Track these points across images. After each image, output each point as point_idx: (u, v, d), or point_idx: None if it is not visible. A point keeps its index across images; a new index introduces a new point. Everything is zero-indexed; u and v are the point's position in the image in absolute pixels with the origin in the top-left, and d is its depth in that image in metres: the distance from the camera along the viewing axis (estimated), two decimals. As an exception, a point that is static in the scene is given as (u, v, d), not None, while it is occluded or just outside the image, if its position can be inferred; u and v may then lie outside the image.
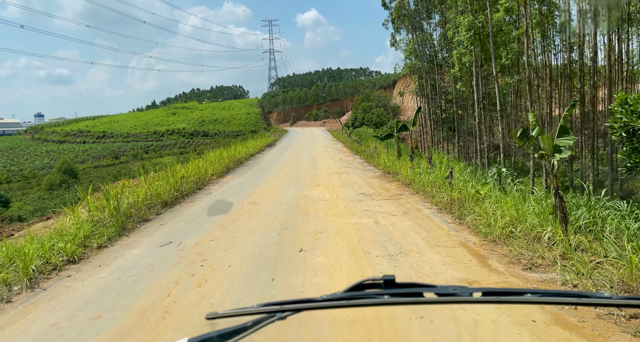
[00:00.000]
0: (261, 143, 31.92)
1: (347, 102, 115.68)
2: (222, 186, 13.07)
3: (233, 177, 15.01)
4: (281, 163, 19.91)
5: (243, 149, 23.45)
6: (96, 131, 65.42)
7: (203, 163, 15.23)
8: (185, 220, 8.37)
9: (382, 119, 52.41)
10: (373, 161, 18.06)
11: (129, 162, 50.21)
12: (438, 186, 10.59)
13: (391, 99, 64.94)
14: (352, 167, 17.25)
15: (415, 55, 28.74)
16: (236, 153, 20.38)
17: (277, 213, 8.68)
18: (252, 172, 16.34)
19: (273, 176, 14.97)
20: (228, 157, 18.64)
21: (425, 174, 11.76)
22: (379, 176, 14.18)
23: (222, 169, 16.19)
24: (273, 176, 15.17)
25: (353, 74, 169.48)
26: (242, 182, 13.82)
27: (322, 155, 23.75)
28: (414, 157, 14.66)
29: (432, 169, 12.19)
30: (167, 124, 68.36)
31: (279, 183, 13.17)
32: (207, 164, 15.30)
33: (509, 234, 6.12)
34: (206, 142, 59.55)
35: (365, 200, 9.89)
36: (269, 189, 12.07)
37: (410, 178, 11.90)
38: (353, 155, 22.89)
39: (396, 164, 14.66)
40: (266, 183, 13.30)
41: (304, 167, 17.47)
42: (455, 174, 10.57)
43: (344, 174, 14.90)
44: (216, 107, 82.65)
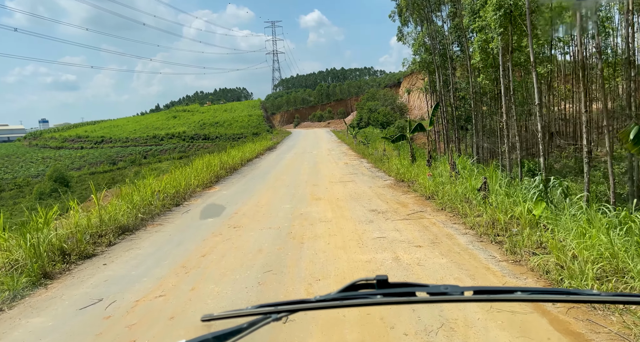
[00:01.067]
0: (261, 146, 29.89)
1: (351, 102, 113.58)
2: (206, 200, 11.01)
3: (221, 189, 12.95)
4: (279, 169, 17.83)
5: (238, 154, 21.40)
6: (95, 136, 63.82)
7: (185, 173, 13.18)
8: (140, 255, 6.29)
9: (389, 118, 50.20)
10: (383, 166, 15.93)
11: (127, 168, 48.51)
12: (468, 199, 8.43)
13: (397, 97, 62.68)
14: (358, 173, 15.12)
15: (425, 48, 26.54)
16: (229, 159, 18.33)
17: (262, 243, 6.58)
18: (244, 182, 14.27)
19: (267, 187, 12.89)
20: (220, 164, 16.61)
21: (449, 184, 9.61)
22: (391, 185, 12.03)
23: (211, 178, 14.16)
24: (268, 186, 13.09)
25: (357, 74, 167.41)
26: (230, 194, 11.75)
27: (326, 159, 21.63)
28: (431, 161, 12.49)
29: (456, 177, 10.03)
30: (168, 127, 66.61)
31: (273, 196, 11.07)
32: (191, 173, 13.25)
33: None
34: (207, 146, 57.72)
35: (378, 220, 7.78)
36: (260, 204, 9.98)
37: (431, 189, 9.75)
38: (359, 159, 20.76)
39: (411, 171, 12.51)
40: (258, 196, 11.21)
41: (304, 175, 15.38)
42: (492, 184, 8.41)
43: (350, 183, 12.78)
44: (218, 109, 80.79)
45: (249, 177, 15.56)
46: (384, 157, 18.58)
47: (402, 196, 10.24)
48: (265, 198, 10.82)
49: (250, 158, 23.28)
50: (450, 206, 8.32)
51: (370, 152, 22.19)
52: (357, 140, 30.50)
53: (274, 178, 14.83)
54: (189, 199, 11.08)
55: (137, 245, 6.83)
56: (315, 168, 17.42)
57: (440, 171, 11.61)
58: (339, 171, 16.19)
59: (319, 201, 10.01)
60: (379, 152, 20.54)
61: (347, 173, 15.29)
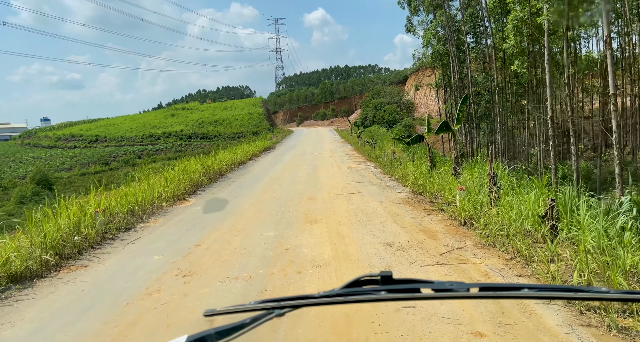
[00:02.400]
0: (257, 147, 27.39)
1: (355, 100, 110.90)
2: (168, 221, 8.48)
3: (196, 202, 10.43)
4: (273, 176, 15.30)
5: (228, 156, 18.87)
6: (89, 135, 61.42)
7: (154, 183, 10.68)
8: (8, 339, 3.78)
9: (395, 116, 47.53)
10: (394, 173, 13.36)
11: (120, 169, 46.23)
12: (528, 232, 5.87)
13: (404, 94, 59.94)
14: (365, 182, 12.57)
15: (437, 38, 23.88)
16: (214, 163, 15.80)
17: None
18: (227, 193, 11.74)
19: (253, 201, 10.35)
20: (202, 170, 14.10)
21: (491, 204, 7.01)
22: (407, 201, 9.46)
23: (187, 187, 11.66)
24: (253, 199, 10.56)
25: (361, 72, 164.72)
26: (202, 213, 9.22)
27: (327, 162, 19.07)
28: (458, 170, 9.88)
29: (498, 193, 7.43)
30: (165, 126, 64.20)
31: (255, 217, 8.52)
32: (159, 183, 10.74)
33: None
34: (204, 146, 55.39)
35: (399, 265, 5.24)
36: (235, 230, 7.44)
37: (468, 211, 7.17)
38: (365, 162, 18.18)
39: (433, 181, 9.90)
40: (237, 215, 8.68)
41: (301, 183, 12.83)
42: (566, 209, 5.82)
43: (355, 196, 10.23)
44: (217, 107, 78.25)
45: (235, 185, 13.03)
46: (394, 161, 16.00)
47: (426, 219, 7.66)
48: (244, 219, 8.27)
49: (243, 161, 20.78)
50: (502, 241, 5.75)
51: (377, 154, 19.61)
52: (362, 140, 27.94)
53: (264, 188, 12.29)
54: (147, 220, 8.56)
55: (11, 318, 4.28)
56: (315, 174, 14.86)
57: (471, 182, 9.02)
58: (342, 177, 13.63)
59: (314, 225, 7.47)
60: (387, 154, 17.96)
61: (351, 181, 12.73)
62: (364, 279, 1.00)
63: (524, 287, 0.93)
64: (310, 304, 0.98)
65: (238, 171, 17.18)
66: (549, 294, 0.99)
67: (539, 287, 0.95)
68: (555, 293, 0.99)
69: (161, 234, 7.42)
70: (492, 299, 1.07)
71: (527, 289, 0.93)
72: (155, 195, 9.70)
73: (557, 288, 0.99)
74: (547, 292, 0.97)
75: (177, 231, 7.59)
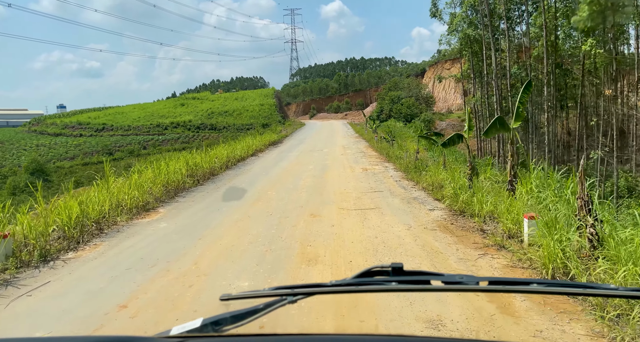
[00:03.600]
0: (262, 141, 24.97)
1: (371, 93, 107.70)
2: (111, 248, 6.05)
3: (164, 216, 8.03)
4: (273, 177, 12.84)
5: (224, 152, 16.45)
6: (96, 123, 59.75)
7: (116, 188, 8.30)
8: None
9: (413, 110, 44.51)
10: (420, 179, 10.76)
11: (123, 159, 44.49)
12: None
13: (423, 87, 56.69)
14: (385, 190, 10.01)
15: (468, 22, 20.97)
16: (205, 161, 13.39)
17: None
18: (208, 202, 9.31)
19: (238, 216, 7.90)
20: (187, 169, 11.74)
21: (596, 252, 4.41)
22: (445, 224, 6.88)
23: (160, 193, 9.30)
24: (239, 213, 8.11)
25: (377, 64, 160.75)
26: (165, 234, 6.79)
27: (339, 161, 16.52)
28: (515, 184, 7.20)
29: (594, 230, 4.80)
30: (173, 116, 62.21)
31: (231, 247, 6.03)
32: (121, 190, 8.35)
33: None
34: (212, 137, 53.34)
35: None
36: (194, 274, 4.96)
37: (553, 256, 4.56)
38: (383, 163, 15.58)
39: (482, 199, 7.25)
40: (208, 242, 6.23)
41: (304, 190, 10.34)
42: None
43: (373, 213, 7.70)
44: (228, 98, 75.99)
45: (222, 191, 10.59)
46: (418, 163, 13.38)
47: (483, 263, 5.09)
48: (216, 250, 5.80)
49: (243, 157, 18.39)
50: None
51: (396, 153, 16.99)
52: (378, 136, 25.28)
53: (257, 196, 9.83)
54: (85, 244, 6.18)
55: None
56: (323, 177, 12.35)
57: (539, 205, 6.40)
58: (356, 183, 11.09)
59: (312, 270, 4.98)
60: (409, 155, 15.33)
61: (367, 189, 10.18)
62: (375, 270, 1.00)
63: (533, 282, 0.93)
64: (322, 292, 0.99)
65: (234, 170, 14.77)
66: (558, 290, 0.98)
67: (548, 283, 0.95)
68: (564, 289, 0.99)
69: (84, 276, 5.01)
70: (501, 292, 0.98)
71: (537, 284, 0.93)
72: (106, 207, 7.31)
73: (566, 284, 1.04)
74: (556, 288, 0.97)
75: (111, 269, 5.17)
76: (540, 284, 0.93)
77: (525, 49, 23.66)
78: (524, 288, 0.96)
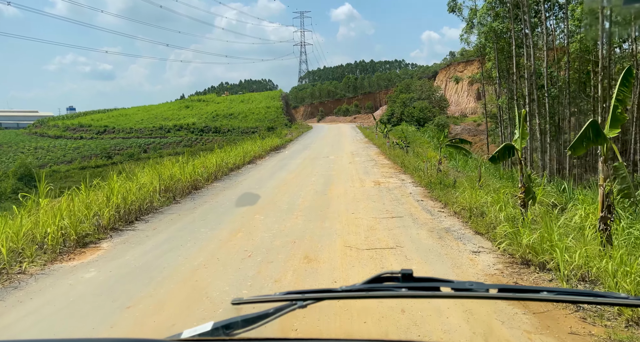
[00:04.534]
0: (264, 146, 22.82)
1: (380, 96, 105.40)
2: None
3: (103, 255, 5.80)
4: (266, 193, 10.60)
5: (213, 160, 14.27)
6: (97, 126, 58.09)
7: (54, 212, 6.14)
8: None
9: (426, 114, 42.03)
10: (448, 199, 8.45)
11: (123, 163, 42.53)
12: None
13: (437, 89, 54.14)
14: (406, 216, 7.70)
15: (493, 15, 18.59)
16: (184, 174, 11.19)
17: None
18: (175, 230, 7.07)
19: (201, 260, 5.63)
20: (163, 184, 9.59)
21: None
22: (508, 283, 4.57)
23: (126, 213, 7.13)
24: (204, 255, 5.85)
25: (387, 67, 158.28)
26: (78, 298, 4.56)
27: (347, 171, 14.24)
28: (610, 222, 4.85)
29: None
30: (177, 118, 60.40)
31: (171, 326, 3.80)
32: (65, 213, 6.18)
33: None
34: (216, 140, 51.42)
35: None
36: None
37: None
38: (398, 175, 13.27)
39: (556, 240, 4.87)
40: (135, 317, 4.00)
41: (301, 215, 8.06)
42: None
43: (393, 256, 5.41)
44: (234, 100, 74.11)
45: (197, 214, 8.35)
46: (442, 176, 11.05)
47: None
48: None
49: (239, 165, 16.23)
50: None
51: (413, 162, 14.69)
52: (390, 141, 22.98)
53: (239, 223, 7.57)
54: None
55: None
56: (326, 195, 10.07)
57: None
58: (367, 204, 8.80)
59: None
60: (430, 165, 13.01)
61: (382, 213, 7.89)
62: (385, 276, 1.00)
63: (544, 290, 0.92)
64: (332, 297, 1.02)
65: (223, 182, 12.58)
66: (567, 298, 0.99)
67: (559, 291, 0.94)
68: (574, 297, 0.98)
69: None
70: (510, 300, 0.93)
71: (547, 292, 0.92)
72: (4, 250, 5.12)
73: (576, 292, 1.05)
74: (566, 296, 0.97)
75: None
76: (550, 292, 0.92)
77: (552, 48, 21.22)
78: (533, 296, 0.94)
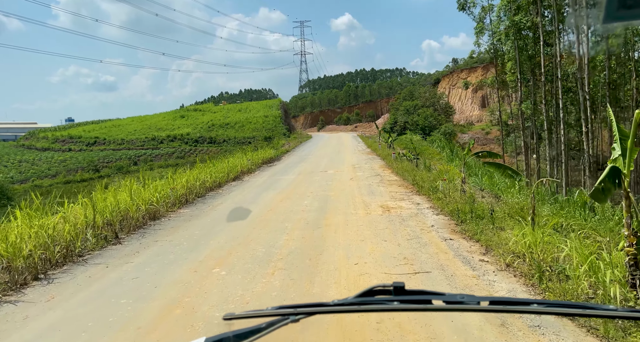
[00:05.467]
0: (255, 159, 20.42)
1: (382, 104, 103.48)
2: None
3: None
4: (240, 229, 8.12)
5: (191, 177, 11.82)
6: (88, 137, 55.74)
7: None
8: None
9: (432, 122, 39.61)
10: (490, 240, 5.97)
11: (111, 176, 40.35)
12: None
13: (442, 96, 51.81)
14: (435, 268, 5.20)
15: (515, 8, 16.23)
16: (139, 200, 8.73)
17: None
18: (75, 305, 4.61)
19: None
20: (111, 212, 7.17)
21: None
22: None
23: (27, 266, 4.67)
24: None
25: (388, 75, 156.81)
26: None
27: (347, 191, 11.76)
28: None
29: None
30: (172, 128, 58.16)
31: None
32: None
33: None
34: (210, 151, 49.10)
35: None
36: None
37: None
38: (410, 195, 10.78)
39: None
40: None
41: (280, 267, 5.55)
42: None
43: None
44: (231, 109, 71.94)
45: (135, 264, 5.84)
46: (469, 200, 8.58)
47: None
48: None
49: (220, 182, 13.82)
50: None
51: (424, 177, 12.26)
52: (395, 152, 20.54)
53: (186, 285, 5.08)
54: None
55: None
56: (319, 230, 7.57)
57: None
58: (375, 246, 6.31)
59: None
60: (452, 184, 10.53)
61: (399, 265, 5.40)
62: (377, 289, 1.01)
63: (534, 303, 0.94)
64: (325, 311, 1.00)
65: (193, 208, 10.12)
66: (557, 310, 0.99)
67: (549, 303, 0.96)
68: (564, 309, 0.99)
69: None
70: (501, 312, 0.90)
71: (537, 304, 0.94)
72: None
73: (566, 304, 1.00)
74: (556, 308, 0.98)
75: None
76: (540, 304, 0.93)
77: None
78: (523, 308, 0.96)
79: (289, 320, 0.96)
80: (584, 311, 0.96)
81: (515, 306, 0.96)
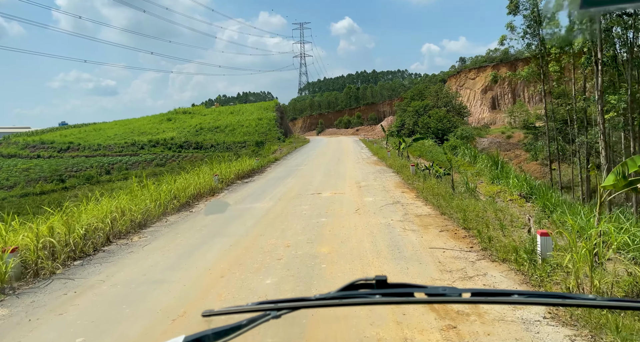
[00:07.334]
0: (228, 173, 15.33)
1: (384, 107, 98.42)
2: None
3: None
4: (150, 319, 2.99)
5: (106, 207, 6.65)
6: (61, 142, 50.60)
7: None
8: None
9: (445, 124, 34.40)
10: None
11: (76, 187, 35.13)
12: None
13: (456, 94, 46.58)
14: None
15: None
16: None
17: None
18: None
19: None
20: None
21: None
22: None
23: None
24: None
25: (389, 77, 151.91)
26: None
27: (351, 247, 6.55)
28: None
29: None
30: (156, 132, 53.08)
31: None
32: None
33: None
34: (196, 157, 43.84)
35: None
36: None
37: None
38: (476, 263, 5.57)
39: None
40: None
41: None
42: None
43: None
44: (223, 111, 66.85)
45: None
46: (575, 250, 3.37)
47: None
48: None
49: (182, 202, 8.71)
50: None
51: (482, 213, 7.12)
52: (414, 164, 15.40)
53: None
54: None
55: None
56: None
57: None
58: None
59: None
60: (552, 235, 5.36)
61: None
62: (359, 283, 1.00)
63: (514, 293, 0.94)
64: (306, 306, 0.99)
65: (97, 262, 4.95)
66: (537, 300, 0.99)
67: (529, 294, 0.96)
68: (544, 299, 1.00)
69: None
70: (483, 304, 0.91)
71: (517, 294, 0.94)
72: None
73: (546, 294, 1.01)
74: (536, 299, 0.99)
75: None
76: (521, 294, 0.94)
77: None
78: (505, 299, 0.96)
79: (270, 316, 0.94)
80: (563, 300, 0.96)
81: (496, 296, 0.96)
